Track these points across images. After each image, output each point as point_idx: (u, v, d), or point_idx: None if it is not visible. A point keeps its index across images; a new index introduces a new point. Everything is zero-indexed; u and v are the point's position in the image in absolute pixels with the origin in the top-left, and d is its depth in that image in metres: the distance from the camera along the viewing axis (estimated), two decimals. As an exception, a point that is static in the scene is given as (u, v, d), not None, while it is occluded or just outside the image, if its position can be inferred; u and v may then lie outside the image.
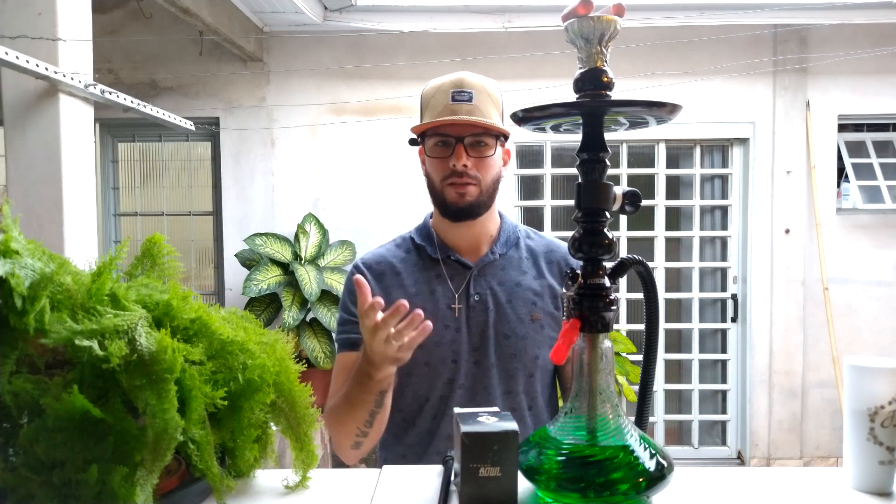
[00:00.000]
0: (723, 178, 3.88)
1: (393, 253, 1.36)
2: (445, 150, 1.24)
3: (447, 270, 1.30)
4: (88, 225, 2.15)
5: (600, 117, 0.78)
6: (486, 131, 1.23)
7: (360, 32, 3.55)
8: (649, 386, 0.83)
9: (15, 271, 0.67)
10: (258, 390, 0.78)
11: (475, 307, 1.28)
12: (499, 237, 1.33)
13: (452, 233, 1.32)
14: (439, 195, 1.27)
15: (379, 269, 1.33)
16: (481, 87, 1.24)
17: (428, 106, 1.26)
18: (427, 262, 1.32)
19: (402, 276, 1.31)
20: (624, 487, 0.73)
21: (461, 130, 1.22)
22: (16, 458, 0.69)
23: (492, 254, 1.31)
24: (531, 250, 1.35)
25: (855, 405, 0.81)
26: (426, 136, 1.27)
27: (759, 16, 3.43)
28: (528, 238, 1.38)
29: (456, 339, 1.26)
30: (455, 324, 1.27)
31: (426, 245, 1.33)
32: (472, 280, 1.29)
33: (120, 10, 3.69)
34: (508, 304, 1.28)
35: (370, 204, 3.76)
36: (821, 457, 3.78)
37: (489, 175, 1.26)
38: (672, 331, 3.90)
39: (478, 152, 1.23)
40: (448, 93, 1.23)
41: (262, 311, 3.43)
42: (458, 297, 1.28)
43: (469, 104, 1.21)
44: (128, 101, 2.34)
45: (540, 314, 1.28)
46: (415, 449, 1.29)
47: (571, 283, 0.79)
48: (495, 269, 1.31)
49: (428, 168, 1.29)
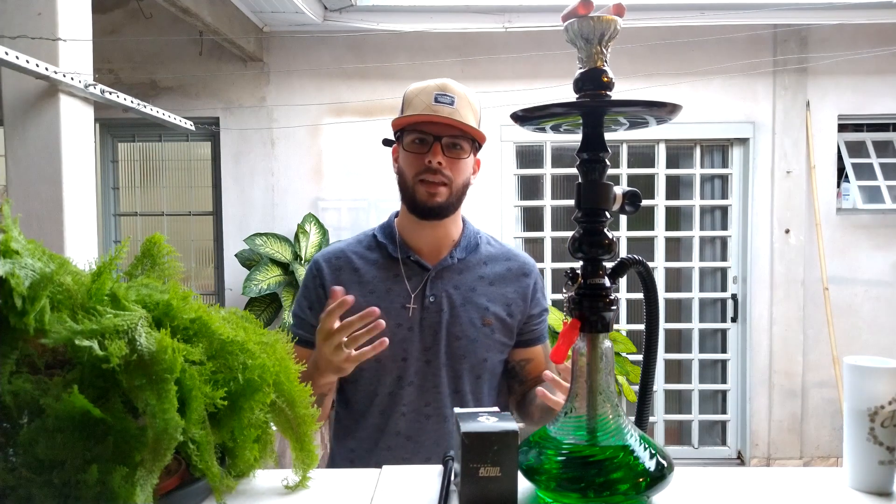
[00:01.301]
0: (723, 179, 3.88)
1: (353, 248, 1.38)
2: (422, 147, 1.27)
3: (406, 270, 1.33)
4: (88, 225, 2.15)
5: (600, 117, 0.78)
6: (464, 134, 1.27)
7: (360, 32, 3.55)
8: (649, 386, 0.83)
9: (15, 271, 0.67)
10: (258, 390, 0.78)
11: (429, 308, 1.31)
12: (460, 242, 1.36)
13: (416, 233, 1.35)
14: (410, 191, 1.30)
15: (337, 264, 1.35)
16: (463, 94, 1.28)
17: (410, 104, 1.29)
18: (387, 261, 1.35)
19: (360, 273, 1.34)
20: (624, 487, 0.73)
21: (440, 130, 1.26)
22: (16, 458, 0.69)
23: (451, 258, 1.34)
24: (490, 257, 1.38)
25: (855, 405, 0.81)
26: (404, 133, 1.30)
27: (759, 16, 3.44)
28: (489, 244, 1.41)
29: (407, 337, 1.29)
30: (408, 323, 1.30)
31: (388, 243, 1.36)
32: (430, 282, 1.32)
33: (120, 10, 3.69)
34: (462, 307, 1.31)
35: (370, 204, 3.76)
36: (821, 457, 3.78)
37: (461, 178, 1.29)
38: (672, 331, 3.90)
39: (453, 153, 1.27)
40: (431, 94, 1.27)
41: (262, 311, 3.43)
42: (414, 298, 1.31)
43: (450, 107, 1.25)
44: (128, 101, 2.34)
45: (492, 319, 1.32)
46: (364, 444, 1.33)
47: (571, 283, 0.79)
48: (453, 272, 1.34)
49: (402, 164, 1.32)
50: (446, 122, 1.25)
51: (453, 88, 1.28)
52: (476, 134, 1.28)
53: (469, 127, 1.26)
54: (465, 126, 1.25)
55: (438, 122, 1.25)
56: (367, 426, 1.32)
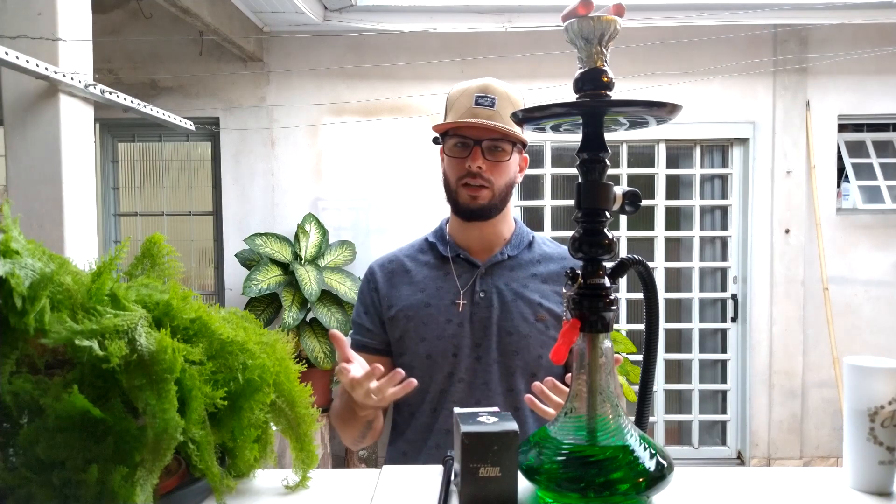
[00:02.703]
0: (723, 179, 3.88)
1: (406, 252, 1.42)
2: (463, 151, 1.28)
3: (456, 268, 1.34)
4: (88, 225, 2.15)
5: (600, 117, 0.78)
6: (504, 137, 1.27)
7: (360, 32, 3.55)
8: (649, 386, 0.83)
9: (15, 271, 0.67)
10: (258, 390, 0.78)
11: (479, 303, 1.30)
12: (511, 240, 1.37)
13: (464, 233, 1.36)
14: (453, 194, 1.32)
15: (390, 268, 1.39)
16: (505, 93, 1.28)
17: (452, 107, 1.30)
18: (437, 261, 1.37)
19: (412, 274, 1.36)
20: (624, 487, 0.73)
21: (480, 134, 1.26)
22: (16, 458, 0.69)
23: (501, 254, 1.35)
24: (544, 255, 1.38)
25: (855, 405, 0.81)
26: (447, 137, 1.31)
27: (759, 16, 3.43)
28: (545, 244, 1.41)
29: (458, 333, 1.29)
30: (458, 318, 1.30)
31: (438, 243, 1.38)
32: (479, 278, 1.32)
33: (120, 10, 3.69)
34: (514, 302, 1.30)
35: (370, 204, 3.76)
36: (821, 457, 3.78)
37: (503, 179, 1.30)
38: (672, 331, 3.90)
39: (494, 156, 1.28)
40: (472, 96, 1.27)
41: (262, 311, 3.43)
42: (464, 294, 1.31)
43: (490, 109, 1.26)
44: (128, 101, 2.34)
45: (545, 315, 1.30)
46: (414, 444, 1.32)
47: (571, 283, 0.79)
48: (504, 269, 1.34)
49: (445, 167, 1.33)
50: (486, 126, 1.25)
51: (494, 88, 1.27)
52: (517, 137, 1.28)
53: (509, 130, 1.25)
54: (504, 130, 1.25)
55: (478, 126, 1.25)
56: (417, 425, 1.32)
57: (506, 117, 1.26)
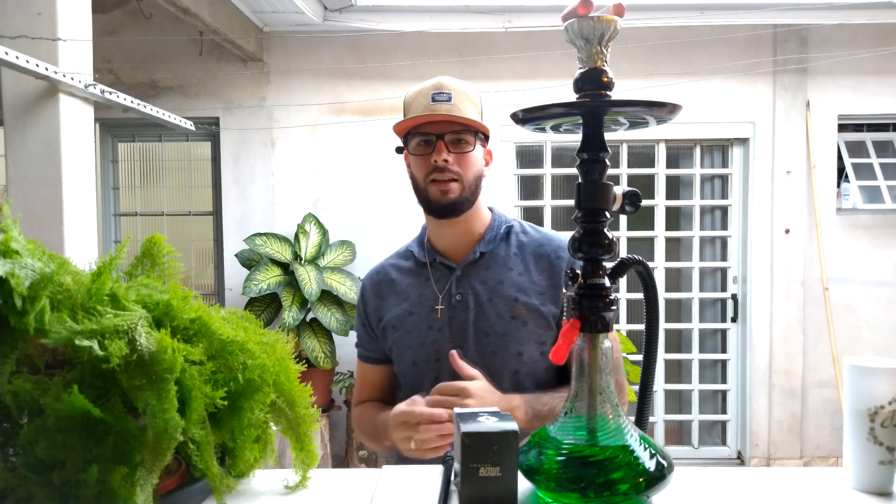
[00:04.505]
0: (723, 178, 3.88)
1: (391, 262, 1.44)
2: (427, 148, 1.29)
3: (434, 273, 1.36)
4: (88, 225, 2.15)
5: (600, 117, 0.78)
6: (466, 128, 1.28)
7: (360, 32, 3.55)
8: (649, 386, 0.83)
9: (15, 271, 0.67)
10: (258, 390, 0.78)
11: (456, 307, 1.31)
12: (484, 235, 1.36)
13: (439, 235, 1.37)
14: (423, 193, 1.32)
15: (377, 279, 1.42)
16: (460, 89, 1.29)
17: (409, 109, 1.31)
18: (417, 267, 1.39)
19: (396, 283, 1.39)
20: (624, 487, 0.73)
21: (441, 128, 1.27)
22: (16, 458, 0.69)
23: (474, 253, 1.34)
24: (521, 246, 1.36)
25: (855, 405, 0.81)
26: (409, 137, 1.32)
27: (759, 16, 3.44)
28: (523, 233, 1.38)
29: (438, 339, 1.30)
30: (438, 324, 1.31)
31: (417, 249, 1.40)
32: (455, 281, 1.33)
33: (120, 10, 3.69)
34: (489, 301, 1.30)
35: (370, 204, 3.76)
36: (821, 457, 3.78)
37: (470, 171, 1.29)
38: (672, 331, 3.90)
39: (458, 148, 1.28)
40: (428, 95, 1.28)
41: (262, 311, 3.43)
42: (442, 299, 1.32)
43: (448, 104, 1.26)
44: (128, 101, 2.34)
45: (522, 310, 1.29)
46: None
47: (571, 283, 0.79)
48: (478, 268, 1.34)
49: (412, 168, 1.34)
50: (446, 119, 1.25)
51: (449, 85, 1.28)
52: (479, 126, 1.28)
53: (469, 120, 1.26)
54: (465, 120, 1.26)
55: (438, 120, 1.26)
56: None
57: (464, 109, 1.26)
